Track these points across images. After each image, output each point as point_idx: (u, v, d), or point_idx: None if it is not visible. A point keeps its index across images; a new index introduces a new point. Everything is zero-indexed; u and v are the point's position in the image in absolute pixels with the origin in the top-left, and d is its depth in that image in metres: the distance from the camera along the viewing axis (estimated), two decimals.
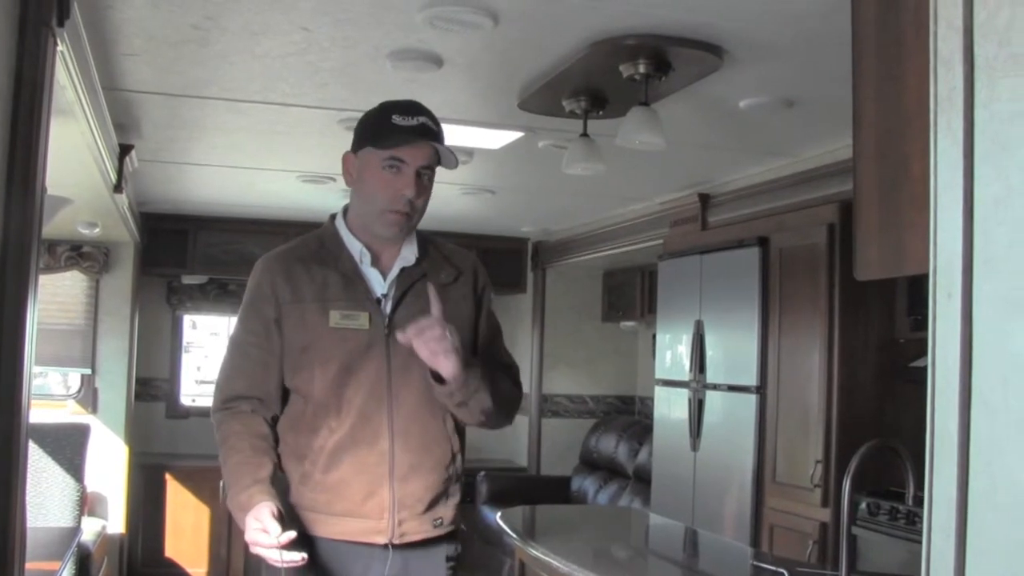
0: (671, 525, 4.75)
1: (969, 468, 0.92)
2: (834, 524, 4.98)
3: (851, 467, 2.91)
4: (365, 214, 2.88)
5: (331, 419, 2.79)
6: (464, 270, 2.96)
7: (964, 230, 1.01)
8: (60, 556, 4.21)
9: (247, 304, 2.88)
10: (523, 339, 9.27)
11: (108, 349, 7.71)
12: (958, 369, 0.93)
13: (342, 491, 2.80)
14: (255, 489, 2.69)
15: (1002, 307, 0.93)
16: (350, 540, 2.80)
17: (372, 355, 2.79)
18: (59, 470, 5.60)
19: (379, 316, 2.81)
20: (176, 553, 8.02)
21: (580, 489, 8.40)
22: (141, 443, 8.09)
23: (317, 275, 2.83)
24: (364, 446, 2.78)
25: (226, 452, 2.80)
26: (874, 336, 5.16)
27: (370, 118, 2.86)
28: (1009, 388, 0.87)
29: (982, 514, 0.91)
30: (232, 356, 2.89)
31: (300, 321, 2.80)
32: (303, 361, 2.81)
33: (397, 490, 2.79)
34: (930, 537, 0.97)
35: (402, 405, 2.80)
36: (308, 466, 2.80)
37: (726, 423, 5.81)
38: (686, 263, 6.25)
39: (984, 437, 0.91)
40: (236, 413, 2.83)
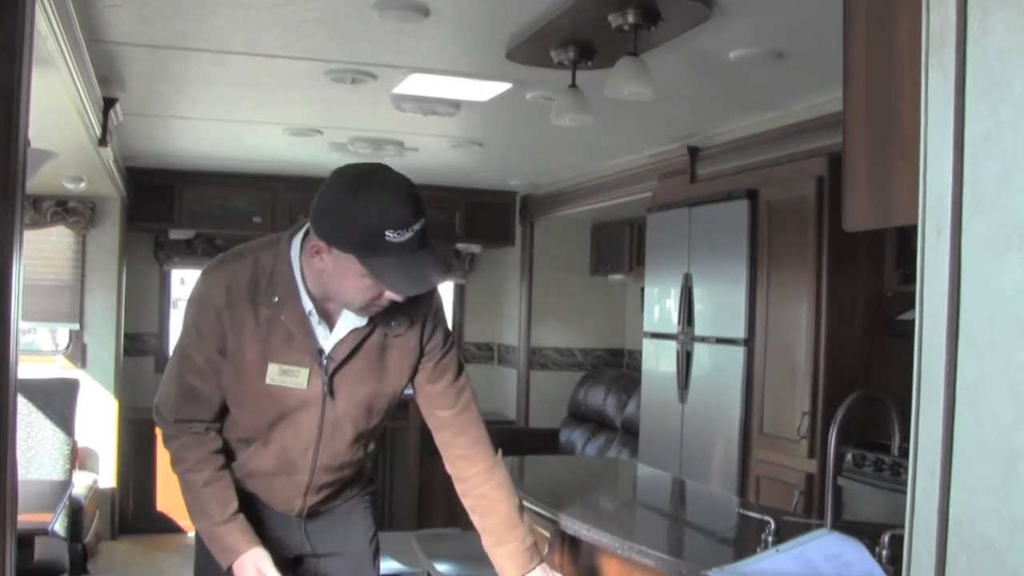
0: (659, 476, 4.78)
1: (955, 406, 0.92)
2: (820, 475, 5.01)
3: (837, 417, 2.92)
4: (335, 294, 2.64)
5: (258, 444, 2.81)
6: (416, 318, 2.78)
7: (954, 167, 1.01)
8: (52, 508, 4.22)
9: (193, 325, 2.72)
10: (511, 293, 9.29)
11: (96, 304, 7.71)
12: (946, 307, 0.93)
13: (258, 492, 2.89)
14: (233, 527, 2.75)
15: (991, 244, 0.92)
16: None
17: (307, 411, 2.74)
18: (49, 425, 5.61)
19: (319, 375, 2.71)
20: (167, 507, 8.05)
21: (568, 441, 8.44)
22: (131, 398, 8.09)
23: (263, 318, 2.66)
24: (283, 476, 2.85)
25: (184, 470, 2.79)
26: (862, 289, 5.16)
27: (356, 221, 2.46)
28: (996, 326, 0.88)
29: (967, 452, 0.91)
30: (178, 381, 2.76)
31: (239, 365, 2.68)
32: (236, 397, 2.75)
33: (309, 499, 2.91)
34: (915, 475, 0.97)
35: (328, 450, 2.82)
36: (234, 464, 2.85)
37: (714, 376, 5.82)
38: (675, 216, 6.24)
39: (971, 375, 0.91)
40: (188, 432, 2.78)
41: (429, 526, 8.29)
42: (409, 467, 8.46)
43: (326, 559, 3.01)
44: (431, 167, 7.53)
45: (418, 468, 8.45)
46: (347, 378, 2.74)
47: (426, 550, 3.65)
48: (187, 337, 2.74)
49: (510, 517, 2.89)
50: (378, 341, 2.75)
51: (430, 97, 5.27)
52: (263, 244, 2.76)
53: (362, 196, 2.45)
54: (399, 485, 8.74)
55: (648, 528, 3.71)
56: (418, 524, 8.32)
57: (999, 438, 0.86)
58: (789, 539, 2.81)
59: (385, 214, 2.43)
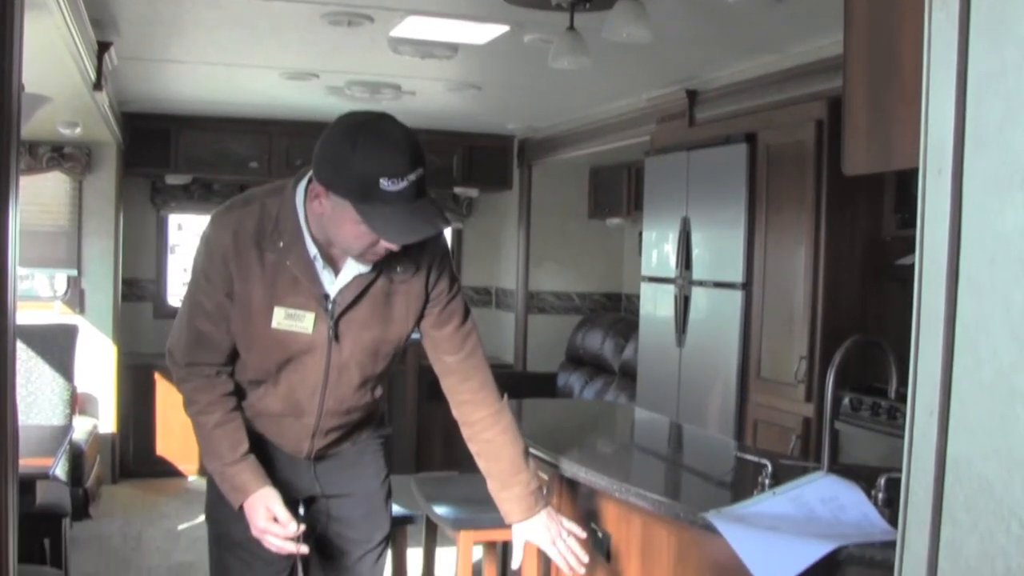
0: (656, 419, 4.80)
1: (954, 346, 0.92)
2: (817, 419, 5.04)
3: (835, 361, 2.93)
4: (334, 239, 2.66)
5: (267, 385, 2.85)
6: (421, 263, 2.80)
7: (956, 106, 1.00)
8: (53, 452, 4.24)
9: (201, 271, 2.75)
10: (509, 237, 9.28)
11: (93, 250, 7.70)
12: (946, 247, 0.93)
13: (267, 432, 2.93)
14: (244, 467, 2.79)
15: (992, 184, 0.92)
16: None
17: (313, 355, 2.78)
18: (48, 370, 5.62)
19: (324, 320, 2.73)
20: (167, 451, 8.10)
21: (566, 385, 8.47)
22: (129, 343, 8.11)
23: (268, 263, 2.69)
24: (291, 418, 2.89)
25: (196, 412, 2.83)
26: (860, 234, 5.16)
27: (352, 168, 2.48)
28: (996, 266, 0.87)
29: (966, 392, 0.91)
30: (189, 326, 2.80)
31: (246, 310, 2.72)
32: (244, 341, 2.79)
33: (317, 443, 2.95)
34: (913, 415, 0.97)
35: (335, 394, 2.86)
36: (244, 403, 2.89)
37: (711, 320, 5.83)
38: (673, 160, 6.22)
39: (970, 315, 0.91)
40: (200, 375, 2.82)
41: (427, 470, 8.35)
42: (407, 411, 8.50)
43: (336, 500, 3.05)
44: (428, 111, 7.49)
45: (416, 412, 8.49)
46: (352, 323, 2.76)
47: (425, 493, 3.67)
48: (196, 283, 2.78)
49: (515, 462, 2.93)
50: (383, 287, 2.77)
51: (427, 40, 5.22)
52: (269, 190, 2.78)
53: (360, 144, 2.47)
54: (397, 429, 8.76)
55: (645, 471, 3.73)
56: (416, 468, 8.38)
57: (998, 379, 0.86)
58: (786, 482, 2.83)
59: (381, 162, 2.44)
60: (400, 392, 8.42)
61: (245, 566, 2.97)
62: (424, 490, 3.71)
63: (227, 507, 2.83)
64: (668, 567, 2.94)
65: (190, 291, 2.81)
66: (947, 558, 0.94)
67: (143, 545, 6.34)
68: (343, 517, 3.07)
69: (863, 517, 2.59)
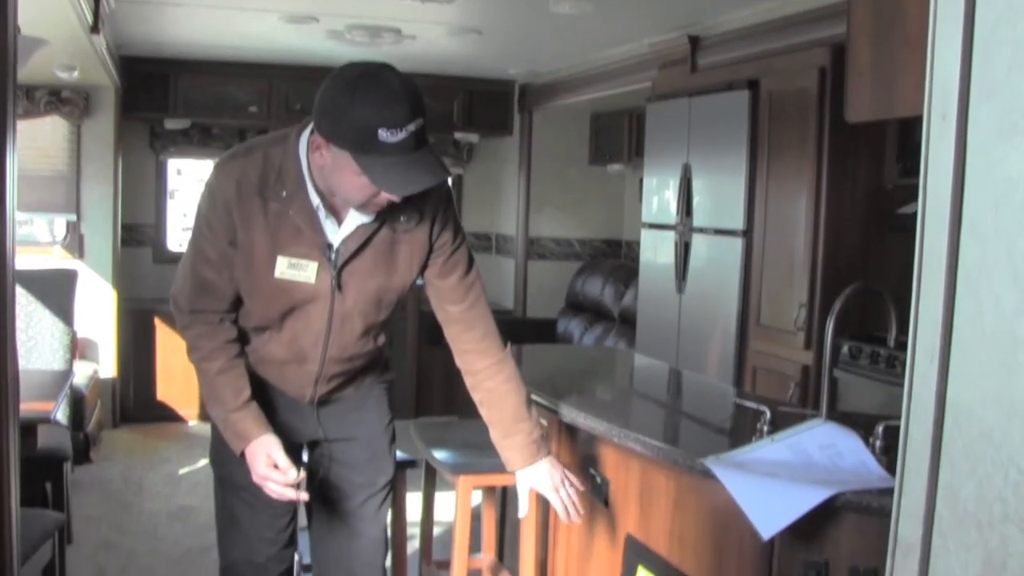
0: (656, 366, 4.81)
1: (956, 292, 0.92)
2: (816, 366, 5.05)
3: (835, 308, 2.93)
4: (335, 190, 2.66)
5: (271, 332, 2.87)
6: (425, 212, 2.79)
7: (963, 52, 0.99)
8: (53, 397, 4.25)
9: (205, 219, 2.75)
10: (509, 182, 9.25)
11: (92, 195, 7.68)
12: (949, 193, 0.92)
13: (270, 378, 2.96)
14: (246, 414, 2.81)
15: (997, 130, 0.91)
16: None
17: (317, 304, 2.79)
18: (48, 315, 5.62)
19: (327, 269, 2.74)
20: (168, 396, 8.13)
21: (566, 331, 8.48)
22: (129, 288, 8.11)
23: (271, 213, 2.68)
24: (294, 364, 2.91)
25: (199, 359, 2.85)
26: (862, 182, 5.14)
27: (351, 118, 2.47)
28: (1000, 212, 0.87)
29: (967, 339, 0.91)
30: (192, 273, 2.81)
31: (249, 258, 2.72)
32: (247, 289, 2.80)
33: (320, 388, 2.97)
34: (914, 361, 0.97)
35: (338, 342, 2.87)
36: (248, 348, 2.91)
37: (712, 267, 5.83)
38: (674, 106, 6.18)
39: (972, 261, 0.91)
40: (204, 321, 2.83)
41: (427, 415, 8.39)
42: (407, 357, 8.52)
43: (340, 444, 3.07)
44: (429, 56, 7.44)
45: (416, 358, 8.52)
46: (355, 273, 2.77)
47: (424, 438, 3.69)
48: (199, 231, 2.78)
49: (518, 411, 2.95)
50: (387, 236, 2.77)
51: None
52: (272, 139, 2.78)
53: (359, 94, 2.46)
54: (397, 375, 8.80)
55: (644, 417, 3.74)
56: (416, 413, 8.42)
57: (999, 325, 0.86)
58: (784, 429, 2.84)
59: (380, 113, 2.44)
60: (400, 338, 8.43)
61: (249, 508, 3.00)
62: (424, 435, 3.72)
63: (229, 454, 2.85)
64: (666, 513, 2.96)
65: (193, 239, 2.81)
66: (945, 503, 0.95)
67: (144, 489, 6.38)
68: (346, 461, 3.09)
69: (861, 464, 2.60)
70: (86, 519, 5.64)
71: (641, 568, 3.02)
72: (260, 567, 3.06)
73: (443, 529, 4.87)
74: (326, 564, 3.18)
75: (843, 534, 2.43)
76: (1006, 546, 0.86)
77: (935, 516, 0.95)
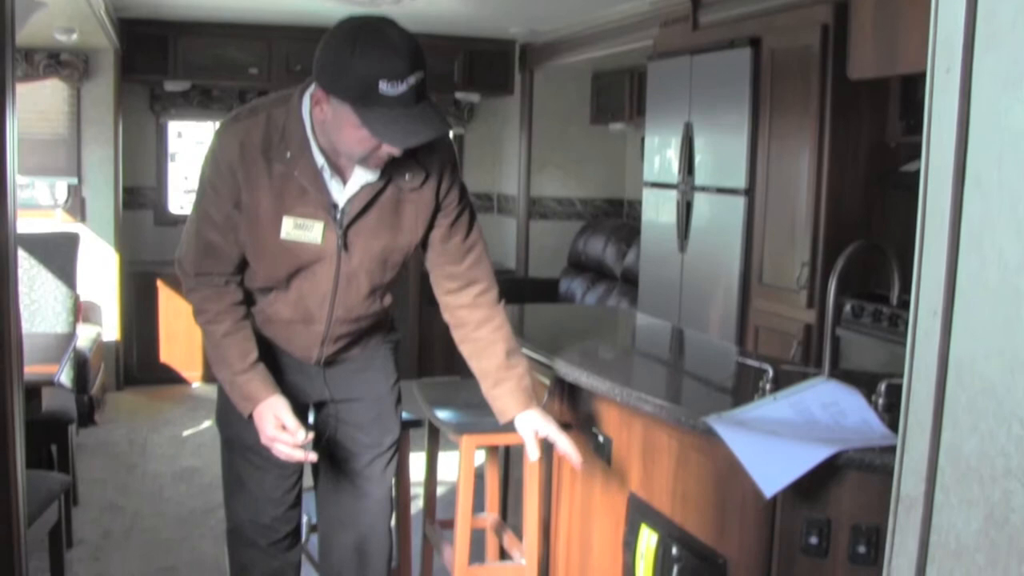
0: (658, 325, 4.81)
1: (959, 246, 0.91)
2: (818, 325, 5.05)
3: (837, 267, 2.92)
4: (336, 145, 2.65)
5: (277, 292, 2.87)
6: (432, 171, 2.79)
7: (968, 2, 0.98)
8: (57, 360, 4.26)
9: (209, 182, 2.75)
10: (510, 142, 9.22)
11: (93, 158, 7.67)
12: (953, 145, 0.91)
13: (276, 338, 2.97)
14: (253, 376, 2.82)
15: (1001, 82, 0.90)
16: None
17: (323, 265, 2.79)
18: (51, 278, 5.63)
19: (333, 229, 2.74)
20: (171, 358, 8.15)
21: (568, 291, 8.48)
22: (131, 251, 8.12)
23: (276, 174, 2.68)
24: (300, 324, 2.91)
25: (206, 321, 2.85)
26: (865, 140, 5.12)
27: (351, 70, 2.45)
28: (1004, 165, 0.86)
29: (970, 293, 0.91)
30: (197, 236, 2.80)
31: (254, 220, 2.72)
32: (253, 251, 2.79)
33: (327, 349, 2.98)
34: (917, 316, 0.97)
35: (344, 302, 2.87)
36: (254, 309, 2.92)
37: (714, 225, 5.82)
38: (676, 64, 6.15)
39: (976, 215, 0.90)
40: (209, 284, 2.83)
41: (429, 376, 8.41)
42: (409, 317, 8.53)
43: (346, 404, 3.08)
44: (429, 15, 7.39)
45: (417, 318, 8.52)
46: (361, 233, 2.77)
47: (426, 397, 3.70)
48: (204, 194, 2.78)
49: (506, 359, 2.96)
50: (392, 196, 2.77)
51: None
52: (275, 100, 2.77)
53: (359, 47, 2.45)
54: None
55: (647, 376, 3.75)
56: (418, 373, 8.44)
57: (1003, 279, 0.86)
58: (786, 387, 2.84)
59: (380, 64, 2.43)
60: (402, 298, 8.41)
61: (256, 470, 3.02)
62: (426, 395, 3.73)
63: (237, 416, 2.86)
64: (669, 471, 2.96)
65: (198, 202, 2.81)
66: (947, 458, 0.95)
67: (148, 451, 6.41)
68: (353, 421, 3.10)
69: (863, 422, 2.61)
70: (91, 481, 5.67)
71: (644, 526, 3.04)
72: (267, 528, 3.08)
73: (447, 488, 4.90)
74: (332, 524, 3.20)
75: (845, 492, 2.43)
76: (1008, 500, 0.86)
77: (937, 471, 0.95)
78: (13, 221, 2.03)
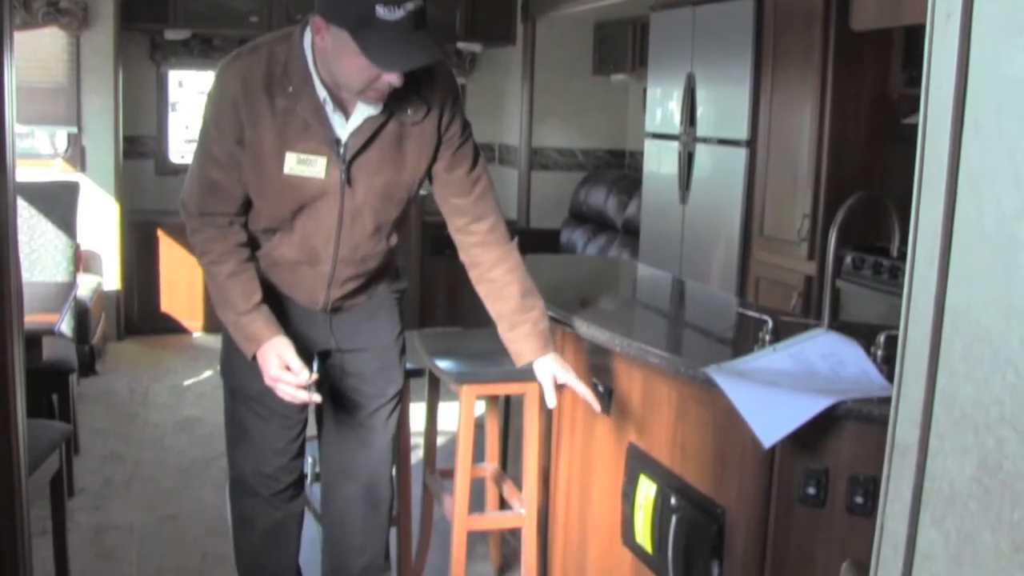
0: (659, 276, 4.81)
1: (957, 194, 0.91)
2: (819, 277, 5.06)
3: (838, 219, 2.92)
4: (336, 76, 2.65)
5: (281, 234, 2.87)
6: (433, 104, 2.80)
7: None
8: (58, 309, 4.26)
9: (211, 120, 2.76)
10: (512, 92, 9.18)
11: (93, 107, 7.63)
12: (952, 93, 0.91)
13: (282, 284, 2.97)
14: (257, 317, 2.80)
15: (1004, 29, 0.89)
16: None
17: (326, 200, 2.79)
18: (51, 228, 5.63)
19: (337, 164, 2.74)
20: (172, 308, 8.16)
21: (569, 241, 8.48)
22: (132, 201, 8.09)
23: (279, 109, 2.69)
24: (306, 265, 2.91)
25: (209, 263, 2.84)
26: (867, 92, 5.10)
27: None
28: (1003, 114, 0.86)
29: (967, 241, 0.91)
30: (201, 176, 2.81)
31: (258, 156, 2.72)
32: (257, 189, 2.79)
33: (333, 292, 2.98)
34: (913, 264, 0.97)
35: (349, 240, 2.87)
36: (259, 253, 2.91)
37: (715, 177, 5.81)
38: (679, 15, 6.11)
39: (974, 163, 0.90)
40: (213, 225, 2.82)
41: (430, 326, 8.42)
42: (411, 268, 8.53)
43: (351, 354, 3.09)
44: None
45: (420, 269, 8.52)
46: (364, 167, 2.77)
47: (428, 348, 3.71)
48: (206, 132, 2.78)
49: (523, 301, 2.96)
50: (395, 130, 2.77)
51: None
52: (277, 37, 2.78)
53: None
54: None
55: (647, 326, 3.75)
56: (420, 324, 8.45)
57: (1000, 227, 0.86)
58: (786, 338, 2.85)
59: None
60: (404, 248, 8.42)
61: (260, 420, 3.02)
62: (427, 344, 3.74)
63: (242, 360, 2.86)
64: (668, 422, 2.98)
65: (201, 141, 2.81)
66: (942, 406, 0.95)
67: (149, 400, 6.44)
68: (357, 371, 3.11)
69: (862, 373, 2.61)
70: (92, 430, 5.70)
71: (643, 477, 3.05)
72: (270, 478, 3.09)
73: (447, 438, 4.92)
74: (335, 473, 3.21)
75: (844, 443, 2.45)
76: (1002, 447, 0.87)
77: (932, 419, 0.96)
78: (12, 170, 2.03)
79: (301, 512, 3.24)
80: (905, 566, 0.99)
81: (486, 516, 3.93)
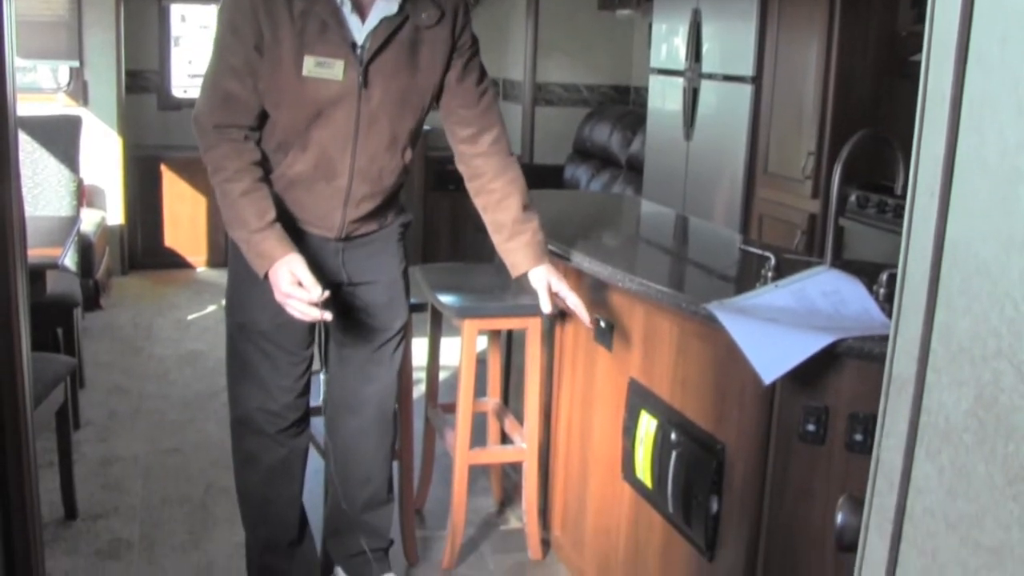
0: (662, 212, 4.81)
1: (959, 126, 0.91)
2: (822, 215, 5.05)
3: (842, 156, 2.90)
4: None
5: (296, 150, 2.86)
6: (447, 10, 2.88)
7: None
8: (61, 243, 4.27)
9: (228, 27, 2.75)
10: (516, 27, 9.10)
11: (95, 40, 7.57)
12: (956, 24, 0.90)
13: (297, 207, 2.96)
14: (270, 234, 2.78)
15: None
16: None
17: (343, 104, 2.80)
18: (54, 162, 5.61)
19: (354, 66, 2.77)
20: (175, 243, 8.17)
21: (573, 178, 8.44)
22: (135, 135, 8.07)
23: (297, 10, 2.71)
24: (322, 181, 2.90)
25: (223, 180, 2.81)
26: (875, 28, 5.05)
27: None
28: (1008, 45, 0.85)
29: (968, 173, 0.91)
30: (215, 87, 2.80)
31: (276, 60, 2.73)
32: (274, 96, 2.80)
33: (349, 213, 2.98)
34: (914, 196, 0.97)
35: (365, 150, 2.87)
36: (273, 176, 2.90)
37: (720, 114, 5.78)
38: None
39: (977, 95, 0.89)
40: (228, 139, 2.80)
41: (433, 262, 8.42)
42: (413, 203, 8.51)
43: (362, 287, 3.10)
44: None
45: (422, 205, 8.50)
46: (381, 70, 2.80)
47: (430, 282, 3.71)
48: (223, 39, 2.78)
49: (520, 212, 3.02)
50: (410, 35, 2.81)
51: None
52: None
53: None
54: None
55: (650, 262, 3.76)
56: (422, 259, 8.44)
57: (1002, 159, 0.85)
58: (788, 275, 2.85)
59: None
60: (408, 183, 8.40)
61: (267, 357, 3.02)
62: (429, 279, 3.74)
63: (250, 295, 2.87)
64: (670, 358, 2.99)
65: (216, 51, 2.81)
66: (939, 340, 0.95)
67: (153, 334, 6.46)
68: (366, 305, 3.12)
69: (864, 311, 2.62)
70: (97, 364, 5.73)
71: (644, 412, 3.07)
72: (275, 415, 3.09)
73: (449, 373, 4.95)
74: (339, 408, 3.23)
75: (844, 380, 2.45)
76: (998, 381, 0.87)
77: (930, 352, 0.96)
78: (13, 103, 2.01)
79: (306, 448, 3.26)
80: (900, 499, 1.00)
81: (487, 450, 3.96)
